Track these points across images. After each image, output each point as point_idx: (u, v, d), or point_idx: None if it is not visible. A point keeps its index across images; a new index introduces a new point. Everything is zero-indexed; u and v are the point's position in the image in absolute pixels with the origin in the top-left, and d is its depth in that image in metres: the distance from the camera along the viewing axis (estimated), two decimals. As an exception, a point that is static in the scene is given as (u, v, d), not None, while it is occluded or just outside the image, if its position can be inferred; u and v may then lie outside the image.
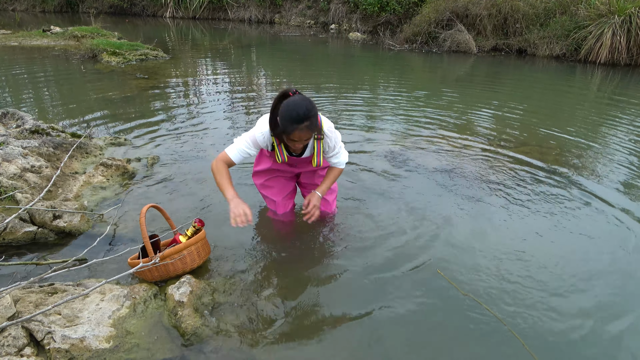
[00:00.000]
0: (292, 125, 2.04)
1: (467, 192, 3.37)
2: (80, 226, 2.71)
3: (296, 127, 2.04)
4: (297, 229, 2.85)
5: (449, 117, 5.44)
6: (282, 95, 2.12)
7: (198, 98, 6.21)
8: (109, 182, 3.32)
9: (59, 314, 1.94)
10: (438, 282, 2.36)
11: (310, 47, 12.02)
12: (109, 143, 4.10)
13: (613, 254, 2.66)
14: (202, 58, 9.81)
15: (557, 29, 10.48)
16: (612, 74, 8.89)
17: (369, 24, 14.21)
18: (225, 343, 1.91)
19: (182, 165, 3.71)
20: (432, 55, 10.89)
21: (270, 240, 2.75)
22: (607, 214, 3.12)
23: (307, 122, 2.04)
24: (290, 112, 2.03)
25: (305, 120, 2.03)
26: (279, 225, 2.87)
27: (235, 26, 16.06)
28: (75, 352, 1.77)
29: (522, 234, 2.84)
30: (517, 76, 8.76)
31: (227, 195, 2.28)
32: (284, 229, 2.85)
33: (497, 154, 4.19)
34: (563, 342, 2.00)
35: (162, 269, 2.21)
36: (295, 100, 2.06)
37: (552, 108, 6.22)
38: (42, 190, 2.89)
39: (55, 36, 10.85)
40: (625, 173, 3.84)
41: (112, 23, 15.45)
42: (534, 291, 2.30)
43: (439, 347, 1.97)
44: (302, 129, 2.05)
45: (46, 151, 3.48)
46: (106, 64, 8.18)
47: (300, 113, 2.02)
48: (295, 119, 2.03)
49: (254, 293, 2.23)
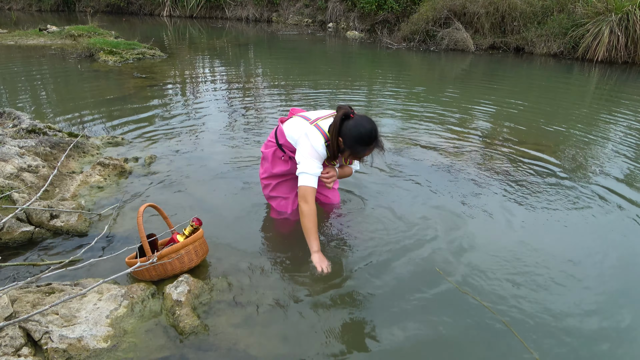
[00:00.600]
0: (364, 148, 2.24)
1: (465, 189, 3.37)
2: (78, 226, 2.70)
3: (367, 149, 2.25)
4: (298, 228, 2.85)
5: (447, 115, 5.44)
6: (343, 115, 2.23)
7: (195, 97, 6.20)
8: (107, 181, 3.31)
9: (56, 313, 1.93)
10: (437, 280, 2.36)
11: (308, 45, 12.00)
12: (106, 142, 4.09)
13: (615, 249, 2.67)
14: (199, 57, 9.79)
15: (555, 27, 10.49)
16: (610, 72, 8.90)
17: (367, 22, 14.20)
18: (224, 342, 1.91)
19: (179, 164, 3.71)
20: (430, 53, 10.89)
21: (269, 239, 2.75)
22: (607, 209, 3.13)
23: (375, 142, 2.25)
24: (362, 137, 2.20)
25: (374, 141, 2.24)
26: (281, 225, 2.87)
27: (233, 25, 16.03)
28: (73, 351, 1.77)
29: (522, 230, 2.84)
30: (515, 74, 8.77)
31: (313, 247, 2.34)
32: (285, 228, 2.85)
33: (495, 151, 4.19)
34: (561, 338, 2.00)
35: (159, 268, 2.21)
36: (362, 123, 2.21)
37: (550, 105, 6.22)
38: (39, 190, 2.88)
39: (51, 35, 10.81)
40: (624, 168, 3.84)
41: (109, 22, 15.41)
42: (533, 289, 2.31)
43: (437, 344, 1.97)
44: (371, 149, 2.26)
45: (43, 150, 3.46)
46: (103, 63, 8.16)
47: (371, 136, 2.21)
48: (366, 143, 2.22)
49: (252, 292, 2.23)
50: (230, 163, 3.76)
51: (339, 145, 2.28)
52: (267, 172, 2.71)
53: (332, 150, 2.31)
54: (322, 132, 2.31)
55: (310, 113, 2.51)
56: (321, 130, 2.31)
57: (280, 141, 2.57)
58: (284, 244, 2.70)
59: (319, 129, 2.32)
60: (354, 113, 2.27)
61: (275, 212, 2.86)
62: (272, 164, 2.67)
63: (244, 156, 3.91)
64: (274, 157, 2.65)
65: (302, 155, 2.32)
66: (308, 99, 6.13)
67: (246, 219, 2.91)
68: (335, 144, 2.27)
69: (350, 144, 2.23)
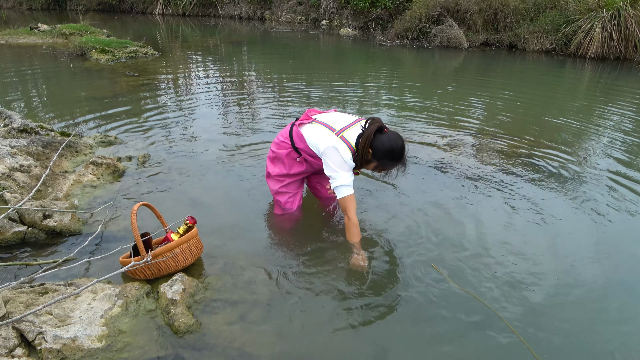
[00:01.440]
0: (392, 163, 2.36)
1: (460, 184, 3.38)
2: (71, 225, 2.68)
3: (395, 164, 2.36)
4: (299, 225, 2.85)
5: (441, 111, 5.45)
6: (377, 129, 2.30)
7: (189, 95, 6.17)
8: (100, 180, 3.29)
9: (50, 314, 1.92)
10: (433, 276, 2.37)
11: (302, 43, 11.98)
12: (99, 141, 4.07)
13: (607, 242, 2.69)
14: (192, 55, 9.74)
15: (547, 24, 10.53)
16: (602, 68, 8.96)
17: (360, 19, 14.19)
18: (219, 340, 1.91)
19: (173, 163, 3.69)
20: (423, 50, 10.91)
21: (264, 237, 2.74)
22: (602, 202, 3.15)
23: (403, 159, 2.35)
24: (393, 152, 2.30)
25: (402, 157, 2.34)
26: (283, 221, 2.87)
27: (226, 23, 15.97)
28: (67, 352, 1.76)
29: (516, 225, 2.85)
30: (507, 71, 8.80)
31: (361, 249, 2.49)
32: (288, 224, 2.86)
33: (488, 146, 4.21)
34: (558, 331, 2.01)
35: (154, 267, 2.20)
36: (395, 139, 2.31)
37: (542, 101, 6.25)
38: (32, 190, 2.85)
39: (43, 34, 10.72)
40: (616, 162, 3.87)
41: (101, 20, 15.30)
42: (527, 282, 2.32)
43: (433, 338, 1.97)
44: (397, 164, 2.37)
45: (35, 150, 3.44)
46: (95, 62, 8.10)
47: (402, 153, 2.33)
48: (396, 158, 2.33)
49: (248, 290, 2.23)
50: (224, 161, 3.75)
51: (367, 156, 2.34)
52: (282, 172, 2.70)
53: (360, 161, 2.37)
54: (349, 145, 2.36)
55: (330, 118, 2.47)
56: (347, 143, 2.36)
57: (298, 145, 2.56)
58: (280, 241, 2.70)
59: (346, 141, 2.36)
60: (387, 128, 2.35)
61: (279, 209, 2.85)
62: (289, 165, 2.68)
63: (238, 154, 3.90)
64: (288, 158, 2.65)
65: (335, 168, 2.37)
66: (302, 96, 6.12)
67: (241, 217, 2.91)
68: (364, 154, 2.33)
69: (380, 157, 2.32)
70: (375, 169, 2.43)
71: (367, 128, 2.31)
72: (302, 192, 2.89)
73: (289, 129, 2.61)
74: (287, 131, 2.62)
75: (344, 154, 2.34)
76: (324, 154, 2.39)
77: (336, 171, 2.36)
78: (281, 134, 2.68)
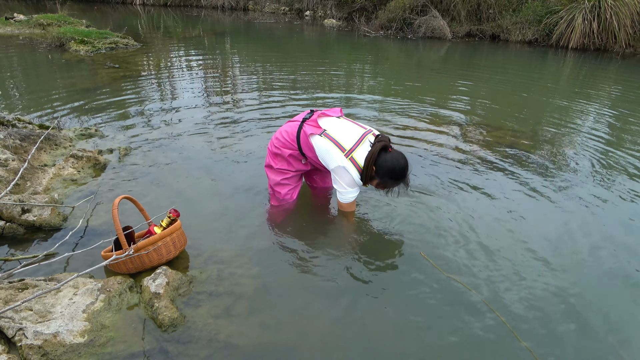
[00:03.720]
0: (393, 182, 2.44)
1: (443, 176, 3.40)
2: (51, 220, 2.63)
3: (396, 183, 2.44)
4: (290, 216, 2.84)
5: (424, 103, 5.47)
6: (382, 147, 2.39)
7: (170, 87, 6.08)
8: (80, 174, 3.23)
9: (30, 309, 1.89)
10: (422, 264, 2.39)
11: (285, 34, 11.89)
12: (79, 134, 3.98)
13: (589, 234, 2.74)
14: (174, 46, 9.59)
15: (529, 15, 10.63)
16: (583, 59, 9.08)
17: (344, 10, 14.13)
18: (204, 333, 1.90)
19: (155, 155, 3.64)
20: (407, 41, 10.92)
21: (248, 229, 2.72)
22: (581, 194, 3.20)
23: (405, 179, 2.44)
24: (394, 172, 2.38)
25: (404, 177, 2.43)
26: (277, 213, 2.86)
27: (208, 13, 15.76)
28: (48, 347, 1.73)
29: (499, 216, 2.89)
30: (490, 62, 8.86)
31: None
32: (281, 217, 2.85)
33: (471, 139, 4.24)
34: (541, 316, 2.04)
35: (137, 260, 2.17)
36: (398, 159, 2.38)
37: (524, 93, 6.32)
38: (9, 184, 2.79)
39: (19, 24, 10.44)
40: (598, 152, 3.94)
41: (80, 10, 14.96)
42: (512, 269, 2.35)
43: (421, 325, 1.99)
44: (398, 184, 2.45)
45: (12, 143, 3.36)
46: (74, 53, 7.92)
47: (403, 174, 2.41)
48: (397, 178, 2.41)
49: (233, 282, 2.21)
50: (208, 153, 3.71)
51: (370, 173, 2.42)
52: (284, 167, 2.72)
53: (365, 177, 2.45)
54: (357, 166, 2.43)
55: (340, 133, 2.48)
56: (356, 165, 2.43)
57: (306, 152, 2.58)
58: (264, 233, 2.68)
59: (355, 163, 2.43)
60: (391, 147, 2.43)
61: (276, 200, 2.84)
62: (292, 164, 2.70)
63: (221, 146, 3.86)
64: (293, 158, 2.66)
65: (344, 186, 2.52)
66: (286, 87, 6.08)
67: (225, 209, 2.88)
68: (369, 171, 2.41)
69: (382, 175, 2.40)
70: (377, 186, 2.52)
71: (372, 146, 2.40)
72: (301, 184, 2.92)
73: (296, 131, 2.58)
74: (294, 132, 2.59)
75: (353, 175, 2.45)
76: (334, 171, 2.51)
77: (345, 188, 2.52)
78: (287, 132, 2.63)
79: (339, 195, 2.59)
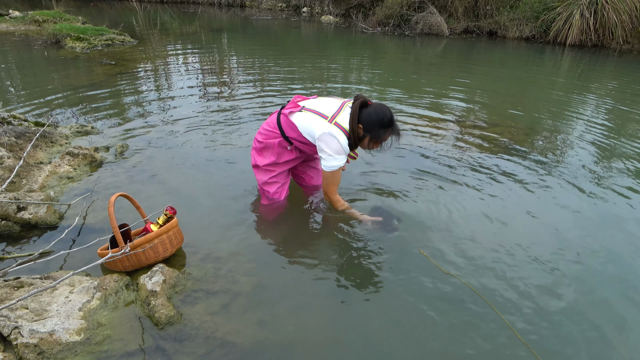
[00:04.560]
0: (384, 131, 2.36)
1: (441, 171, 3.40)
2: (47, 218, 2.62)
3: (387, 132, 2.36)
4: (284, 213, 2.83)
5: (422, 100, 5.46)
6: (361, 104, 2.36)
7: (167, 84, 6.06)
8: (76, 171, 3.22)
9: (26, 308, 1.88)
10: (420, 261, 2.38)
11: (282, 30, 11.85)
12: (75, 131, 3.96)
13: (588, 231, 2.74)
14: (171, 43, 9.55)
15: (527, 11, 10.63)
16: (580, 55, 9.09)
17: (342, 6, 14.10)
18: (201, 331, 1.89)
19: (152, 152, 3.63)
20: (404, 38, 10.90)
21: (245, 226, 2.71)
22: (580, 191, 3.21)
23: (394, 125, 2.37)
24: (382, 120, 2.33)
25: (393, 124, 2.36)
26: (269, 211, 2.85)
27: (205, 10, 15.69)
28: (44, 346, 1.72)
29: (497, 213, 2.89)
30: (488, 58, 8.86)
31: (359, 217, 2.66)
32: (273, 215, 2.84)
33: (469, 135, 4.24)
34: (541, 313, 2.05)
35: (133, 258, 2.16)
36: (381, 108, 2.35)
37: (522, 89, 6.32)
38: (5, 182, 2.77)
39: (14, 20, 10.37)
40: (592, 150, 3.94)
41: (76, 7, 14.89)
42: (509, 265, 2.36)
43: (419, 322, 1.99)
44: (391, 132, 2.38)
45: (8, 141, 3.34)
46: (70, 50, 7.88)
47: (391, 119, 2.35)
48: (387, 125, 2.34)
49: (229, 280, 2.21)
50: (204, 150, 3.70)
51: (358, 133, 2.37)
52: (271, 161, 2.69)
53: (353, 139, 2.39)
54: (343, 130, 2.37)
55: (318, 105, 2.47)
56: (342, 128, 2.37)
57: (289, 134, 2.55)
58: (261, 230, 2.68)
59: (340, 127, 2.37)
60: (370, 101, 2.39)
61: (266, 199, 2.83)
62: (279, 154, 2.66)
63: (218, 143, 3.85)
64: (279, 147, 2.63)
65: (331, 153, 2.40)
66: (284, 84, 6.06)
67: (222, 207, 2.88)
68: (356, 132, 2.36)
69: (371, 128, 2.34)
70: (369, 144, 2.44)
71: (352, 106, 2.36)
72: (289, 182, 2.89)
73: (275, 118, 2.59)
74: (274, 120, 2.59)
75: (341, 139, 2.37)
76: (319, 139, 2.40)
77: (331, 155, 2.40)
78: (267, 123, 2.64)
79: (323, 162, 2.43)
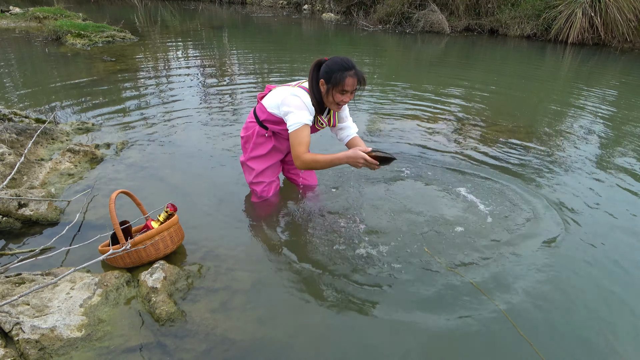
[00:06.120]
0: (344, 74, 2.26)
1: (441, 169, 3.40)
2: (48, 214, 2.62)
3: (347, 74, 2.27)
4: (277, 210, 2.84)
5: (422, 96, 5.46)
6: (316, 64, 2.36)
7: (168, 81, 6.05)
8: (77, 168, 3.22)
9: (27, 304, 1.89)
10: (423, 258, 2.39)
11: (283, 28, 11.83)
12: (76, 128, 3.97)
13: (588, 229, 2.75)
14: (171, 40, 9.54)
15: (528, 9, 10.60)
16: (582, 54, 9.07)
17: (343, 4, 14.06)
18: (201, 327, 1.90)
19: (152, 149, 3.63)
20: (405, 35, 10.88)
21: (245, 224, 2.72)
22: (579, 188, 3.21)
23: (355, 69, 2.29)
24: (340, 64, 2.28)
25: (353, 67, 2.29)
26: (261, 208, 2.86)
27: (206, 7, 15.67)
28: (45, 342, 1.73)
29: (499, 210, 2.89)
30: (489, 56, 8.84)
31: (342, 159, 2.30)
32: (265, 211, 2.84)
33: (469, 133, 4.24)
34: (545, 312, 2.05)
35: (134, 255, 2.17)
36: (339, 57, 2.32)
37: (522, 88, 6.31)
38: (6, 178, 2.78)
39: (15, 17, 10.37)
40: (593, 147, 3.94)
41: (76, 3, 14.86)
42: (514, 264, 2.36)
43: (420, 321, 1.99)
44: (352, 75, 2.28)
45: (9, 137, 3.34)
46: (71, 47, 7.88)
47: (349, 62, 2.29)
48: (346, 67, 2.27)
49: (230, 277, 2.22)
50: (205, 148, 3.70)
51: (321, 91, 2.36)
52: (250, 154, 2.71)
53: (316, 97, 2.37)
54: (305, 89, 2.39)
55: (287, 84, 2.55)
56: (304, 88, 2.39)
57: (262, 117, 2.58)
58: (261, 228, 2.68)
59: (304, 88, 2.40)
60: (326, 58, 2.38)
61: (255, 197, 2.85)
62: (255, 144, 2.68)
63: (219, 140, 3.85)
64: (257, 137, 2.65)
65: (292, 108, 2.35)
66: (284, 82, 6.05)
67: (222, 204, 2.88)
68: (317, 89, 2.36)
69: (330, 75, 2.29)
70: (334, 94, 2.33)
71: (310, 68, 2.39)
72: (278, 181, 2.91)
73: (253, 111, 2.67)
74: (252, 112, 2.68)
75: (302, 96, 2.36)
76: (282, 103, 2.39)
77: (292, 111, 2.34)
78: (248, 117, 2.72)
79: (289, 124, 2.35)
